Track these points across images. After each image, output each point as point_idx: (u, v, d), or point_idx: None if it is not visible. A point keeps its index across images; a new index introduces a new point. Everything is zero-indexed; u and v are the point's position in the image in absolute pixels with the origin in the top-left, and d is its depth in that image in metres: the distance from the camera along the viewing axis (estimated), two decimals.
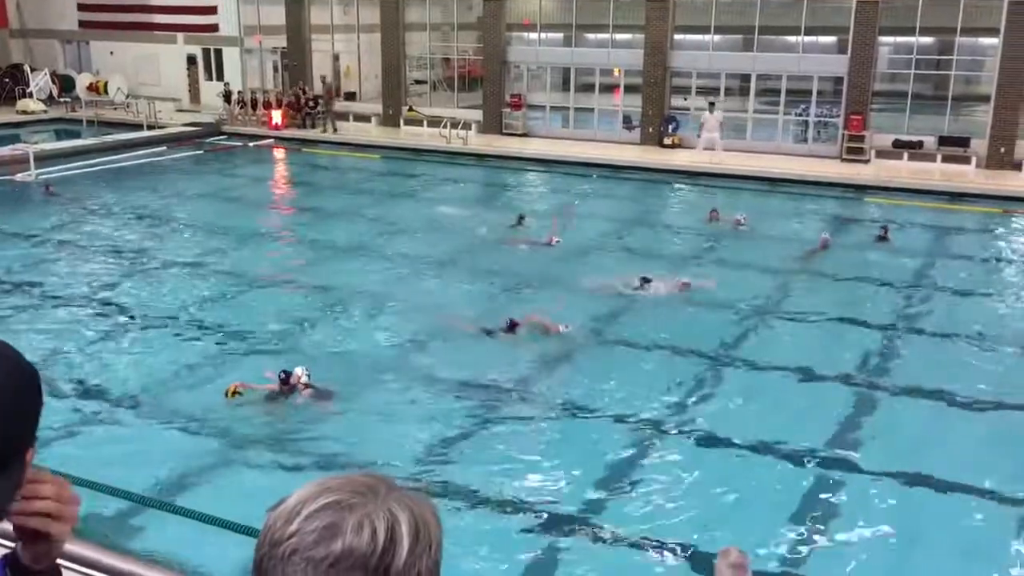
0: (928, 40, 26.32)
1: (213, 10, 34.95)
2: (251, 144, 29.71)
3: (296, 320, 13.64)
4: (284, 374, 10.84)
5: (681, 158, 26.20)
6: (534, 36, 30.76)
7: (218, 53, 35.63)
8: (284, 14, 33.55)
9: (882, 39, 26.10)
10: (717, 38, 28.02)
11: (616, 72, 29.43)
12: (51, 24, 38.78)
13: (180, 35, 36.03)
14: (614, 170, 25.72)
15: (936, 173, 24.29)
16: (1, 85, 36.10)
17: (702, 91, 28.09)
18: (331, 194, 23.64)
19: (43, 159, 24.63)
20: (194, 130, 30.96)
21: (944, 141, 25.21)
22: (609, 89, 29.75)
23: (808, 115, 27.10)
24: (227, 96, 32.62)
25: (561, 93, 30.79)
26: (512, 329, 12.81)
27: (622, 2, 28.79)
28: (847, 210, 21.70)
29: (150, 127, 30.49)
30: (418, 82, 33.48)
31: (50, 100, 35.07)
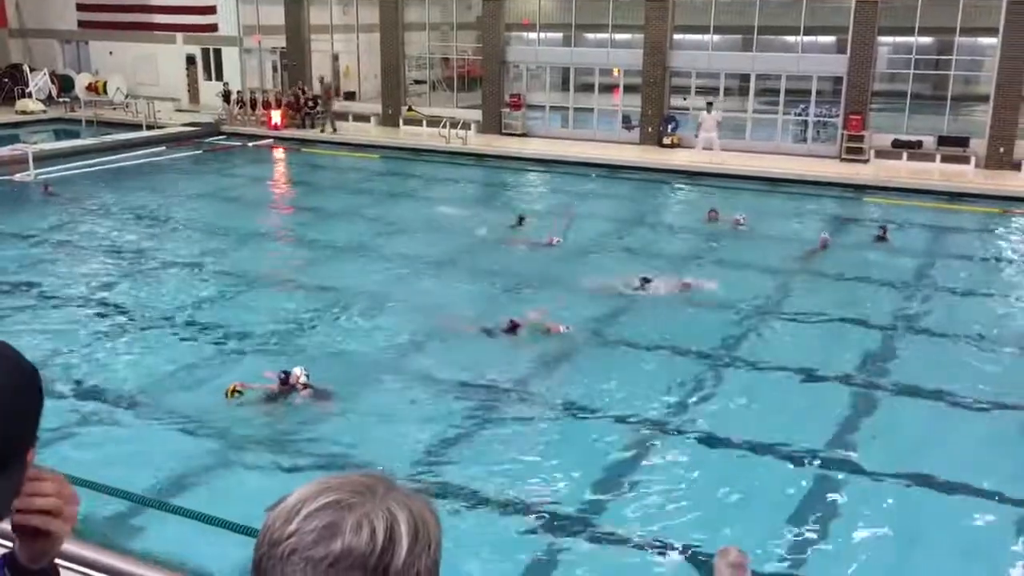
0: (927, 40, 26.32)
1: (212, 10, 34.94)
2: (250, 144, 29.70)
3: (295, 320, 13.63)
4: (283, 374, 10.84)
5: (680, 158, 26.20)
6: (533, 36, 30.75)
7: (217, 53, 35.63)
8: (283, 14, 33.54)
9: (881, 39, 26.11)
10: (716, 38, 28.03)
11: (615, 72, 29.43)
12: (50, 24, 38.76)
13: (179, 35, 36.02)
14: (613, 170, 25.73)
15: (935, 173, 24.30)
16: (0, 85, 36.09)
17: (701, 91, 28.10)
18: (330, 194, 23.63)
19: (42, 159, 24.62)
20: (193, 130, 30.94)
21: (943, 141, 25.22)
22: (608, 89, 29.75)
23: (807, 115, 27.10)
24: (226, 96, 32.60)
25: (560, 93, 30.79)
26: (513, 330, 12.80)
27: (621, 2, 28.77)
28: (846, 210, 21.70)
29: (149, 127, 30.47)
30: (417, 82, 33.47)
31: (49, 100, 35.06)
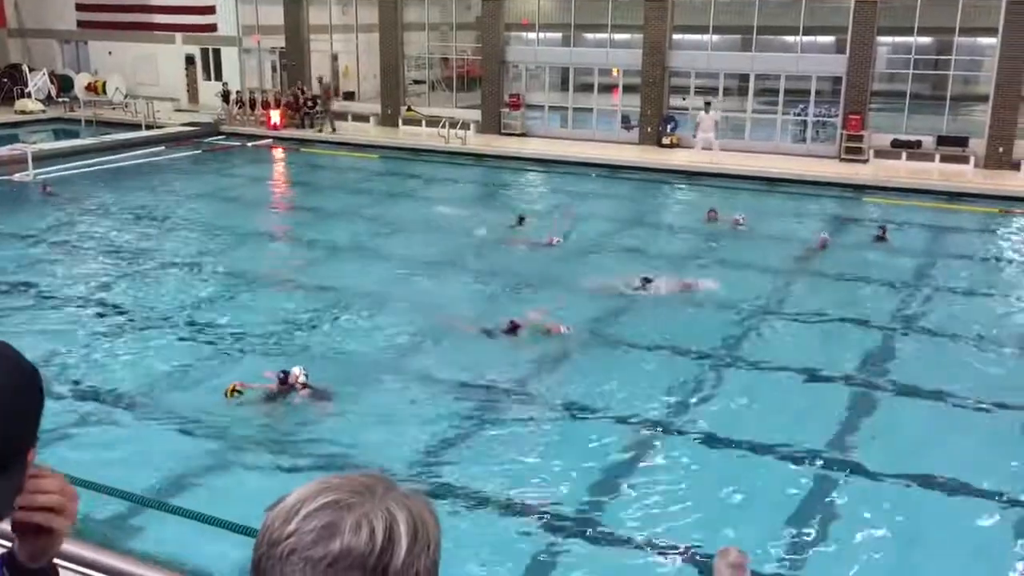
0: (926, 40, 26.33)
1: (211, 10, 34.93)
2: (249, 144, 29.68)
3: (294, 320, 13.62)
4: (282, 374, 10.84)
5: (680, 158, 26.20)
6: (533, 36, 30.76)
7: (216, 53, 35.61)
8: (282, 14, 33.52)
9: (880, 39, 26.11)
10: (716, 38, 28.03)
11: (615, 72, 29.42)
12: (49, 24, 38.74)
13: (178, 35, 36.01)
14: (613, 170, 25.73)
15: (934, 173, 24.30)
16: None
17: (701, 91, 28.09)
18: (330, 194, 23.62)
19: (41, 159, 24.61)
20: (192, 130, 30.93)
21: (942, 141, 25.22)
22: (608, 89, 29.74)
23: (806, 115, 27.11)
24: (225, 96, 32.59)
25: (560, 93, 30.79)
26: (513, 330, 12.78)
27: (621, 2, 28.77)
28: (846, 210, 21.70)
29: (148, 127, 30.45)
30: (416, 82, 33.46)
31: (48, 100, 35.04)
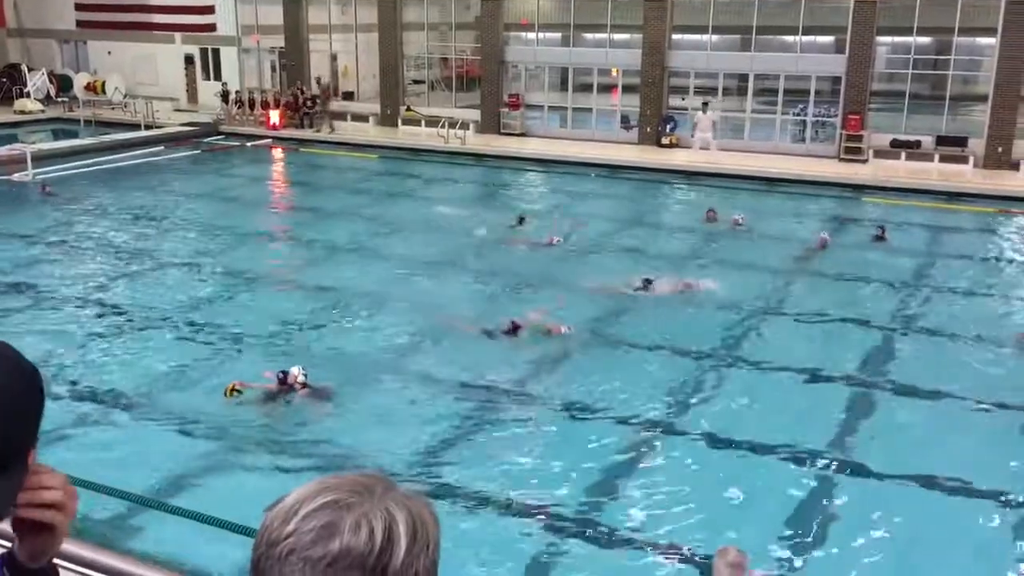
0: (926, 40, 26.33)
1: (211, 10, 34.92)
2: (249, 144, 29.69)
3: (294, 320, 13.61)
4: (281, 374, 10.84)
5: (679, 158, 26.21)
6: (532, 36, 30.76)
7: (216, 53, 35.60)
8: (282, 14, 33.53)
9: (880, 39, 26.12)
10: (715, 38, 28.03)
11: (614, 72, 29.43)
12: (49, 24, 38.73)
13: (178, 35, 36.00)
14: (612, 170, 25.74)
15: (934, 173, 24.31)
16: None
17: (700, 91, 28.10)
18: (329, 194, 23.63)
19: (40, 159, 24.61)
20: (192, 130, 30.93)
21: (942, 141, 25.23)
22: (607, 89, 29.75)
23: (806, 115, 27.11)
24: (225, 96, 32.60)
25: (559, 93, 30.79)
26: (514, 331, 12.77)
27: (620, 2, 28.77)
28: (845, 210, 21.71)
29: (148, 127, 30.45)
30: (416, 82, 33.46)
31: (48, 100, 35.03)
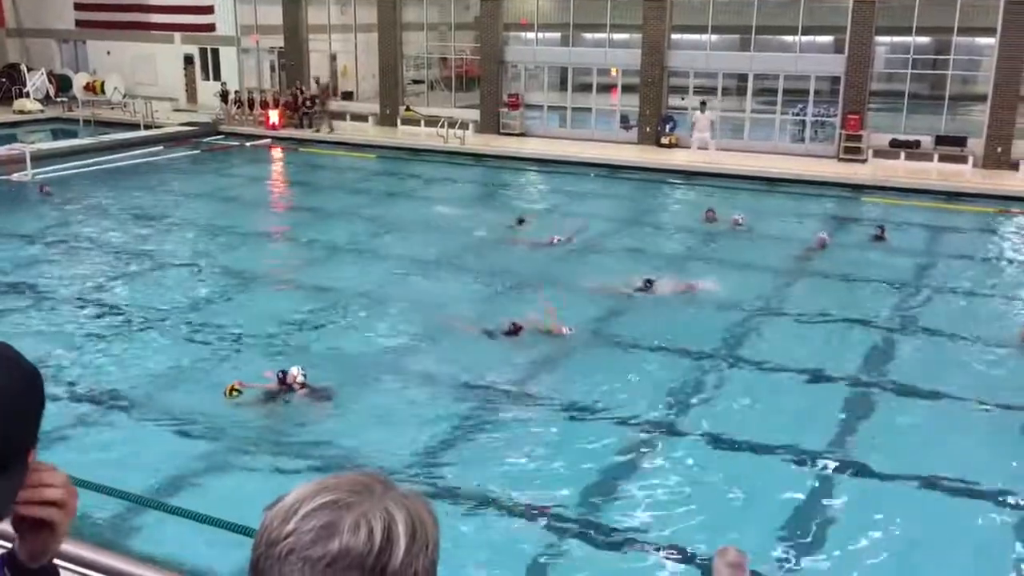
0: (925, 40, 26.33)
1: (210, 10, 34.92)
2: (248, 144, 29.68)
3: (293, 320, 13.61)
4: (281, 374, 10.84)
5: (679, 158, 26.22)
6: (531, 36, 30.76)
7: (215, 53, 35.60)
8: (281, 14, 33.52)
9: (879, 39, 26.12)
10: (714, 38, 28.04)
11: (613, 72, 29.43)
12: (48, 24, 38.72)
13: (177, 35, 36.00)
14: (612, 170, 25.74)
15: (933, 173, 24.31)
16: None
17: (699, 91, 28.11)
18: (328, 194, 23.63)
19: (40, 159, 24.60)
20: (191, 130, 30.93)
21: (941, 141, 25.24)
22: (606, 89, 29.76)
23: (805, 115, 27.12)
24: (224, 96, 32.59)
25: (558, 93, 30.78)
26: (515, 332, 12.75)
27: (619, 2, 28.77)
28: (844, 210, 21.72)
29: (147, 127, 30.45)
30: (415, 82, 33.46)
31: (47, 100, 35.01)
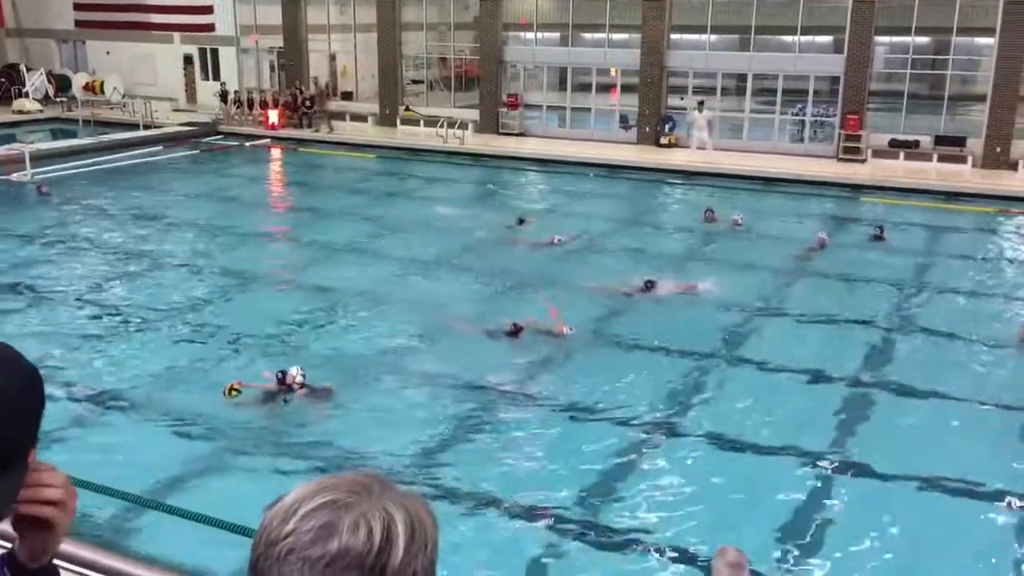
0: (924, 40, 26.33)
1: (209, 10, 34.91)
2: (247, 144, 29.68)
3: (293, 320, 13.61)
4: (280, 374, 10.85)
5: (678, 158, 26.22)
6: (531, 36, 30.77)
7: (214, 53, 35.59)
8: (280, 14, 33.52)
9: (878, 39, 26.12)
10: (713, 38, 28.03)
11: (613, 72, 29.43)
12: (47, 24, 38.71)
13: (176, 35, 35.99)
14: (611, 170, 25.74)
15: (932, 173, 24.32)
16: None
17: (699, 91, 28.11)
18: (328, 194, 23.63)
19: (39, 159, 24.60)
20: (190, 130, 30.93)
21: (940, 141, 25.24)
22: (606, 89, 29.75)
23: (804, 115, 27.12)
24: (223, 96, 32.58)
25: (558, 93, 30.78)
26: (516, 333, 12.75)
27: (619, 2, 28.78)
28: (844, 210, 21.72)
29: (146, 127, 30.44)
30: (415, 82, 33.45)
31: (46, 100, 35.02)
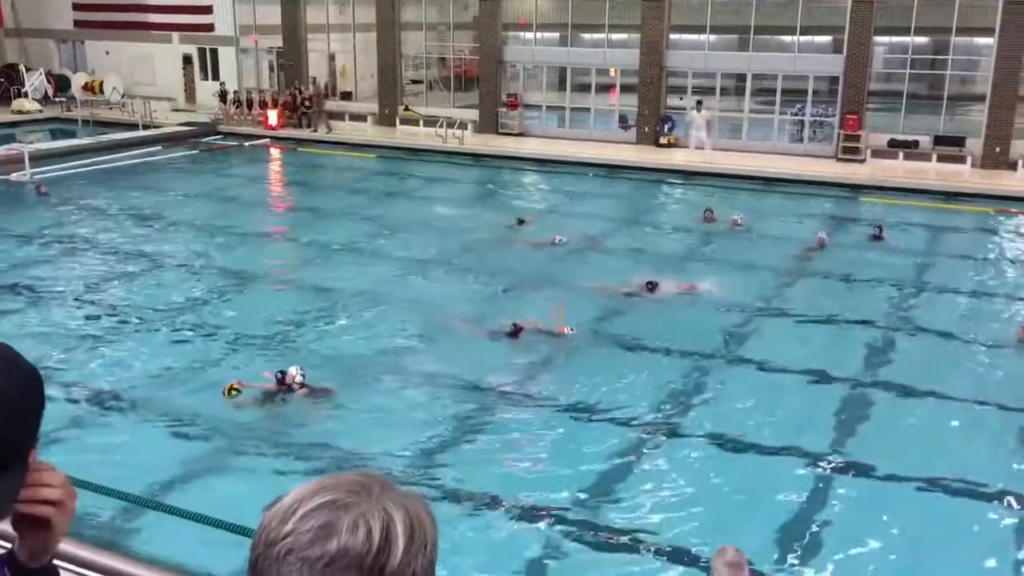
0: (923, 40, 26.33)
1: (209, 10, 34.90)
2: (247, 144, 29.67)
3: (292, 320, 13.61)
4: (280, 374, 10.85)
5: (677, 158, 26.22)
6: (530, 36, 30.77)
7: (214, 53, 35.57)
8: (280, 13, 33.51)
9: (877, 39, 26.12)
10: (713, 38, 28.03)
11: (612, 72, 29.43)
12: (47, 24, 38.69)
13: (176, 35, 35.98)
14: (610, 169, 25.74)
15: (931, 173, 24.32)
16: None
17: (698, 91, 28.11)
18: (327, 194, 23.62)
19: (38, 159, 24.59)
20: (190, 130, 30.91)
21: (939, 141, 25.24)
22: (605, 89, 29.75)
23: (804, 115, 27.12)
24: (223, 96, 32.58)
25: (557, 93, 30.78)
26: (516, 333, 12.74)
27: (618, 2, 28.77)
28: (843, 210, 21.73)
29: (146, 127, 30.43)
30: (414, 82, 33.45)
31: (45, 100, 35.00)
